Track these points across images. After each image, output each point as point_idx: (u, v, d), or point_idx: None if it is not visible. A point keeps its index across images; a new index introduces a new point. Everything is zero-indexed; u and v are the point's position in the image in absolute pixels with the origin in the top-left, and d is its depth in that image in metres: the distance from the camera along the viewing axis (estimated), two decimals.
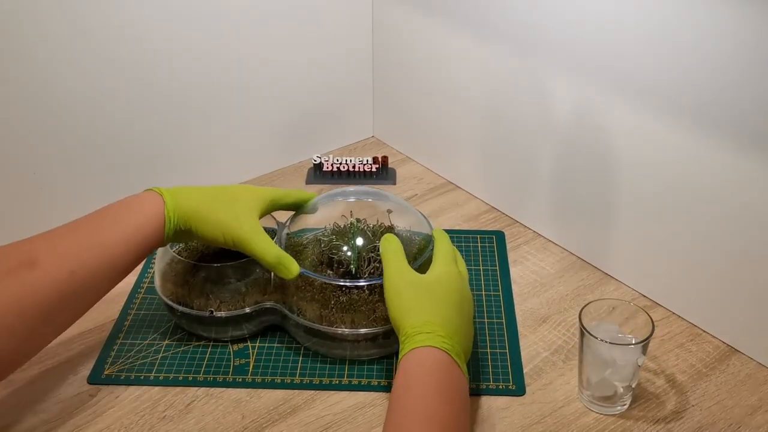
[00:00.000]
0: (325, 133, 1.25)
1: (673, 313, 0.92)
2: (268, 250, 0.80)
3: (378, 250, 0.85)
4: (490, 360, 0.85)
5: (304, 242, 0.89)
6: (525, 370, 0.84)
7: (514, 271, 0.99)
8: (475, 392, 0.82)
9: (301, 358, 0.86)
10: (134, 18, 0.97)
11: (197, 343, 0.88)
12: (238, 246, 0.80)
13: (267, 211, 0.85)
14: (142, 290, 0.96)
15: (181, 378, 0.84)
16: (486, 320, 0.91)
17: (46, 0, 0.89)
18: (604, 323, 0.79)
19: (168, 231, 0.78)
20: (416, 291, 0.76)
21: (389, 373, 0.84)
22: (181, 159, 1.10)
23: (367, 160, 1.19)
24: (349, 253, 0.85)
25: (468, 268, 0.99)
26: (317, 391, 0.82)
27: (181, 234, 0.80)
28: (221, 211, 0.80)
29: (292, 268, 0.81)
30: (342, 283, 0.82)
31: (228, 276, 0.86)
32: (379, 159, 1.19)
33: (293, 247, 0.87)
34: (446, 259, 0.82)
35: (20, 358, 0.71)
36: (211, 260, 0.87)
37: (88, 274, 0.73)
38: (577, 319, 0.77)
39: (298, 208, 0.90)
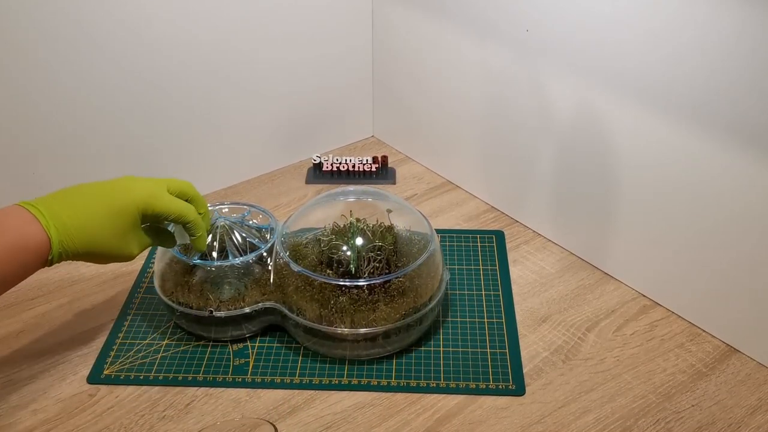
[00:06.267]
0: (325, 132, 1.25)
1: (673, 312, 0.92)
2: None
3: (378, 250, 0.85)
4: (489, 360, 0.85)
5: (304, 242, 0.89)
6: (525, 370, 0.84)
7: (514, 271, 0.99)
8: (475, 392, 0.82)
9: (300, 358, 0.86)
10: (134, 17, 0.97)
11: (197, 343, 0.88)
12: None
13: (146, 219, 0.78)
14: (142, 290, 0.96)
15: (180, 378, 0.83)
16: (486, 320, 0.91)
17: None
18: None
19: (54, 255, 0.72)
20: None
21: (389, 373, 0.84)
22: (181, 158, 1.10)
23: (367, 160, 1.19)
24: (348, 253, 0.84)
25: (468, 268, 0.99)
26: (317, 391, 0.82)
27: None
28: (104, 240, 0.74)
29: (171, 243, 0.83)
30: (342, 283, 0.82)
31: (228, 276, 0.86)
32: (379, 159, 1.19)
33: (292, 246, 0.87)
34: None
35: None
36: (211, 260, 0.87)
37: None
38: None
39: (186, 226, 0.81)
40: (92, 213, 0.73)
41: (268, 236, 0.89)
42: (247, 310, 0.85)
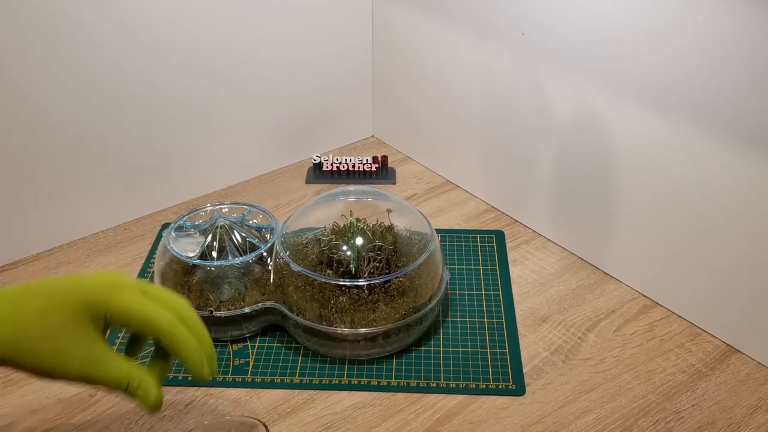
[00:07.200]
0: (325, 132, 1.25)
1: (673, 312, 0.92)
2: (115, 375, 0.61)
3: (378, 250, 0.85)
4: (489, 360, 0.85)
5: (304, 242, 0.89)
6: (525, 370, 0.84)
7: (514, 271, 0.99)
8: (475, 392, 0.82)
9: (300, 358, 0.86)
10: (134, 17, 0.97)
11: None
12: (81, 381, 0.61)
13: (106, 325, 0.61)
14: None
15: (180, 378, 0.83)
16: (486, 320, 0.91)
17: None
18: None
19: None
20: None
21: (389, 373, 0.84)
22: (181, 158, 1.10)
23: (367, 160, 1.19)
24: (348, 253, 0.85)
25: (468, 268, 0.99)
26: (317, 391, 0.82)
27: None
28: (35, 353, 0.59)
29: (151, 392, 0.62)
30: (342, 283, 0.82)
31: (227, 276, 0.87)
32: (379, 158, 1.19)
33: (292, 246, 0.87)
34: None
35: None
36: (211, 260, 0.87)
37: None
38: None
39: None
40: (21, 306, 0.59)
41: (268, 236, 0.89)
42: (247, 310, 0.85)
